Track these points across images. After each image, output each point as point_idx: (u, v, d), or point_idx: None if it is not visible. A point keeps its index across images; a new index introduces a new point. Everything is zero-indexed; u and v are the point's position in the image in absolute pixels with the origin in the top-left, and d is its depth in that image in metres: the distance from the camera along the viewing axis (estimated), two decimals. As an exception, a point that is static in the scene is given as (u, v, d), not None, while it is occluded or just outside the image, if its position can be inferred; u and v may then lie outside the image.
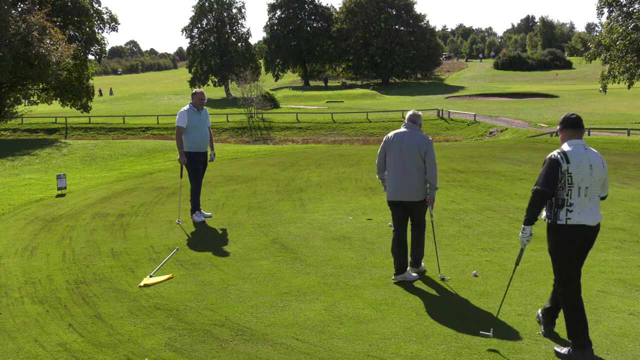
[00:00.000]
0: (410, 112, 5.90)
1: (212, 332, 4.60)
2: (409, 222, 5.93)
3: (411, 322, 4.72)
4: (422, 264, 6.01)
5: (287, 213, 8.80)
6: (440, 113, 40.79)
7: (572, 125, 4.22)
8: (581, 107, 41.16)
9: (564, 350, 4.13)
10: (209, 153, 8.67)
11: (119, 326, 4.76)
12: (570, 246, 4.13)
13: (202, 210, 8.64)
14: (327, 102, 57.04)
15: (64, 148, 22.66)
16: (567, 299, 4.16)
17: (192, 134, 8.19)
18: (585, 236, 4.12)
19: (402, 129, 5.79)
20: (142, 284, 5.75)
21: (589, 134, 24.50)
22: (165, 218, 8.66)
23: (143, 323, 4.81)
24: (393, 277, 5.77)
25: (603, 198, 4.30)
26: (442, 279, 5.76)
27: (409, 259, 5.87)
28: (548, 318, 4.47)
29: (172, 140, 25.05)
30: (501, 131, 31.75)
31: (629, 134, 23.30)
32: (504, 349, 4.23)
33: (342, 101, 57.22)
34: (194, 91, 8.35)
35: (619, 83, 32.83)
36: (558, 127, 4.34)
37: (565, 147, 4.16)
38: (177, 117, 8.23)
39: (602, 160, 4.17)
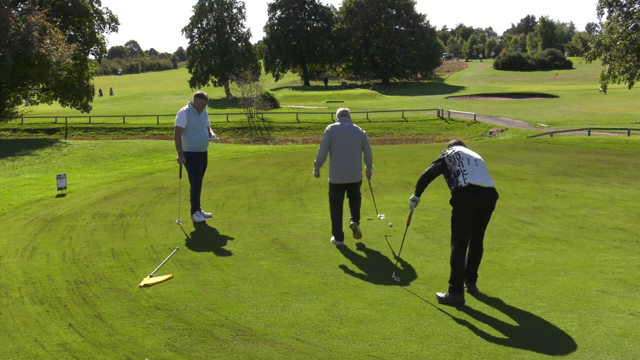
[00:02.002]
0: (342, 109, 7.16)
1: (212, 332, 4.60)
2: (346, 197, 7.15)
3: (411, 322, 4.72)
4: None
5: (287, 213, 8.80)
6: (441, 113, 40.79)
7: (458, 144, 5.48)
8: (581, 107, 41.17)
9: (443, 295, 5.15)
10: (208, 152, 8.66)
11: (119, 326, 4.76)
12: (467, 204, 5.02)
13: (202, 210, 8.64)
14: (327, 102, 57.03)
15: (64, 148, 22.66)
16: (454, 255, 5.08)
17: (191, 135, 8.19)
18: (480, 196, 5.02)
19: (343, 123, 6.98)
20: (142, 284, 5.74)
21: (588, 134, 24.51)
22: (165, 218, 8.66)
23: (143, 323, 4.81)
24: (337, 242, 6.91)
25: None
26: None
27: (350, 217, 7.05)
28: (467, 277, 5.33)
29: (172, 140, 25.03)
30: (501, 131, 31.75)
31: (629, 134, 23.30)
32: (504, 349, 4.23)
33: (342, 101, 57.20)
34: (197, 93, 8.31)
35: (619, 83, 32.84)
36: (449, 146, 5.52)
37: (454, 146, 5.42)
38: (177, 117, 8.22)
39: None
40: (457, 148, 5.35)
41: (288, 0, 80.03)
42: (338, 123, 7.04)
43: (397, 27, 78.36)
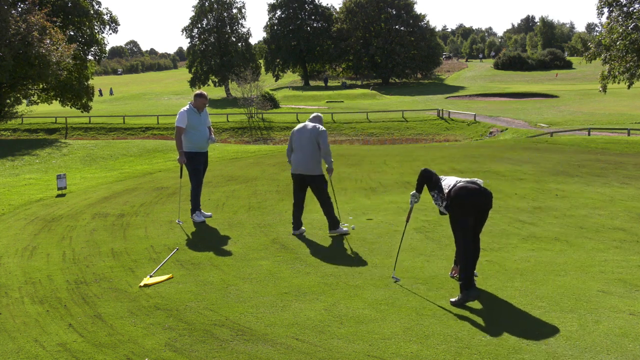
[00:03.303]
0: (315, 114, 7.81)
1: (212, 332, 4.60)
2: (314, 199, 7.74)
3: (411, 322, 4.72)
4: (340, 227, 7.52)
5: (287, 213, 8.80)
6: (441, 113, 40.79)
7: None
8: (581, 107, 41.18)
9: (455, 298, 5.13)
10: (209, 152, 8.65)
11: (119, 326, 4.76)
12: (464, 206, 5.15)
13: (202, 210, 8.64)
14: (327, 102, 57.03)
15: (64, 148, 22.65)
16: (462, 255, 5.14)
17: (191, 134, 8.19)
18: (477, 198, 5.16)
19: (306, 123, 7.65)
20: (142, 284, 5.74)
21: (588, 134, 24.51)
22: (165, 218, 8.66)
23: (143, 323, 4.81)
24: (293, 232, 7.56)
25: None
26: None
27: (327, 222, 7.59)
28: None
29: (172, 140, 25.02)
30: (501, 131, 31.75)
31: (629, 134, 23.30)
32: (504, 349, 4.23)
33: (342, 101, 57.21)
34: (197, 92, 8.31)
35: (619, 83, 32.85)
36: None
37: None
38: (177, 117, 8.23)
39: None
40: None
41: (288, 0, 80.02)
42: (306, 123, 7.73)
43: (397, 27, 78.38)
